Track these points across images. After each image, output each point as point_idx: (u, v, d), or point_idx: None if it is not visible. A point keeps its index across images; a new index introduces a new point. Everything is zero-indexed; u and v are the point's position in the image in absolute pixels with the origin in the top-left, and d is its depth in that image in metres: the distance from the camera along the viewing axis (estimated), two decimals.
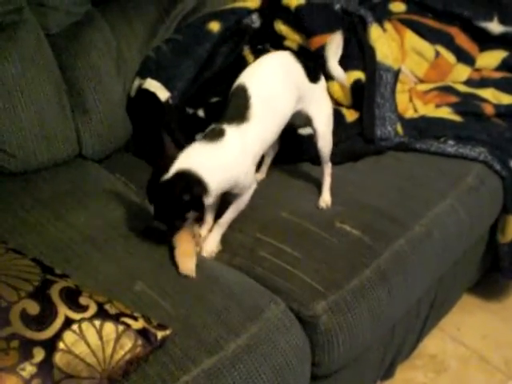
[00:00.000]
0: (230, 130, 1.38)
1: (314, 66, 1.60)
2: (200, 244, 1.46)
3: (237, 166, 1.39)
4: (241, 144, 1.39)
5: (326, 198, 1.64)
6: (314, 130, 1.60)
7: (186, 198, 1.30)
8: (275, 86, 1.48)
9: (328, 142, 1.63)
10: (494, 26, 2.25)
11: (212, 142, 1.37)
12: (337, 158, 1.76)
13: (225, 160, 1.37)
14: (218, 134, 1.37)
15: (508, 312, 2.21)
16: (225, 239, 1.50)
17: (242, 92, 1.43)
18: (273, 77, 1.49)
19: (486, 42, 2.28)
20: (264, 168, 1.75)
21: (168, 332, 1.15)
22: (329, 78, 1.86)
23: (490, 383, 1.97)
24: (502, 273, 2.09)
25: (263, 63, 1.53)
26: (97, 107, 1.75)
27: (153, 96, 1.74)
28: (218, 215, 1.50)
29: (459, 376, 1.99)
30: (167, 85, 1.76)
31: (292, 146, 1.79)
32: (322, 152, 1.63)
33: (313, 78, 1.56)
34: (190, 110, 1.83)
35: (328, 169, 1.66)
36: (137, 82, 1.81)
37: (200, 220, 1.49)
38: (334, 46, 1.66)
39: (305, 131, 1.83)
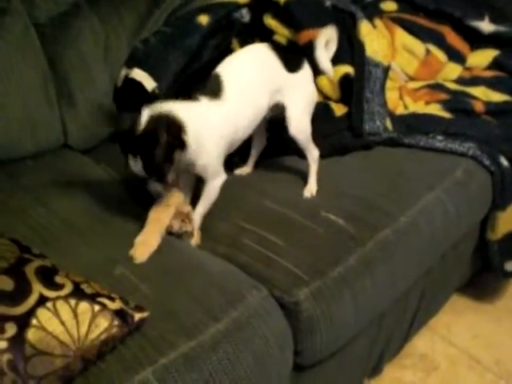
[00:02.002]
0: (204, 99, 1.43)
1: (294, 56, 1.64)
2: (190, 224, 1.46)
3: (211, 126, 1.42)
4: (214, 111, 1.43)
5: (311, 187, 1.64)
6: (287, 117, 1.60)
7: (163, 135, 1.30)
8: (248, 75, 1.52)
9: (302, 129, 1.62)
10: (485, 26, 2.26)
11: (185, 101, 1.42)
12: (324, 151, 1.76)
13: (200, 112, 1.42)
14: (191, 98, 1.43)
15: (499, 312, 2.20)
16: (208, 227, 1.50)
17: (216, 78, 1.49)
18: (246, 67, 1.54)
19: (477, 41, 2.28)
20: (251, 161, 1.75)
21: (145, 314, 1.14)
22: (317, 71, 1.88)
23: (480, 383, 1.95)
24: (493, 272, 2.08)
25: (238, 55, 1.59)
26: (83, 97, 1.77)
27: (139, 85, 1.75)
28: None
29: (449, 376, 1.97)
30: (154, 75, 1.76)
31: (278, 140, 1.78)
32: (297, 139, 1.63)
33: (291, 67, 1.59)
34: None
35: (311, 155, 1.66)
36: (123, 72, 1.81)
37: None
38: (323, 39, 1.68)
39: None
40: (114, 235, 1.40)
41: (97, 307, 1.08)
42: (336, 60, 1.90)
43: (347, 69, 1.92)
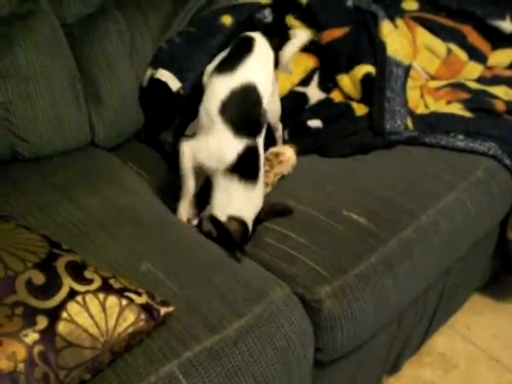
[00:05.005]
0: None
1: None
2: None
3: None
4: None
5: None
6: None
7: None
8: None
9: (278, 111, 1.74)
10: (507, 25, 2.26)
11: None
12: (346, 150, 1.79)
13: None
14: None
15: None
16: None
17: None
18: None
19: (499, 40, 2.29)
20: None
21: (171, 309, 1.17)
22: (338, 71, 1.91)
23: (499, 382, 1.96)
24: None
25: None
26: (110, 97, 1.78)
27: (164, 86, 1.77)
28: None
29: (467, 374, 1.98)
30: (179, 75, 1.78)
31: (300, 139, 1.81)
32: (273, 121, 1.73)
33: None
34: None
35: (278, 132, 1.78)
36: (149, 72, 1.84)
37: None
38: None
39: (313, 123, 1.86)
40: (140, 232, 1.42)
41: (124, 301, 1.11)
42: (357, 60, 1.93)
43: (368, 68, 1.94)
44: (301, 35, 1.80)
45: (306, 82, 2.00)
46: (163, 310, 1.15)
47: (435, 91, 2.11)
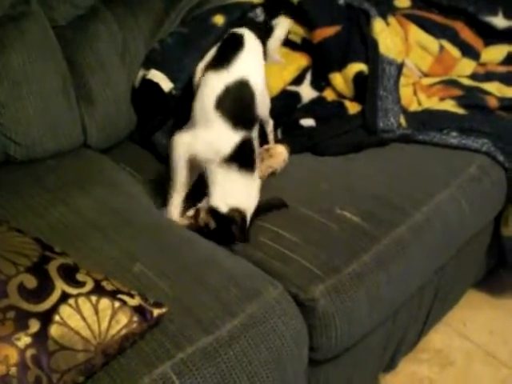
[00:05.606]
0: None
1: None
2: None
3: None
4: None
5: None
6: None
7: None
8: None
9: (268, 105, 1.74)
10: (499, 21, 2.26)
11: None
12: (339, 148, 1.78)
13: None
14: None
15: None
16: None
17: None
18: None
19: (491, 36, 2.28)
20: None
21: (164, 310, 1.16)
22: (331, 70, 1.91)
23: (496, 378, 1.96)
24: (508, 268, 2.09)
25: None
26: (101, 98, 1.77)
27: (156, 86, 1.77)
28: None
29: (464, 370, 1.98)
30: (171, 76, 1.78)
31: (293, 138, 1.81)
32: (263, 115, 1.71)
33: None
34: None
35: (270, 127, 1.78)
36: (141, 73, 1.83)
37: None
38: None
39: (305, 122, 1.85)
40: (133, 233, 1.42)
41: (117, 304, 1.11)
42: (350, 58, 1.94)
43: (361, 67, 1.94)
44: (283, 23, 1.86)
45: (298, 80, 1.99)
46: (156, 312, 1.15)
47: (428, 88, 2.11)
